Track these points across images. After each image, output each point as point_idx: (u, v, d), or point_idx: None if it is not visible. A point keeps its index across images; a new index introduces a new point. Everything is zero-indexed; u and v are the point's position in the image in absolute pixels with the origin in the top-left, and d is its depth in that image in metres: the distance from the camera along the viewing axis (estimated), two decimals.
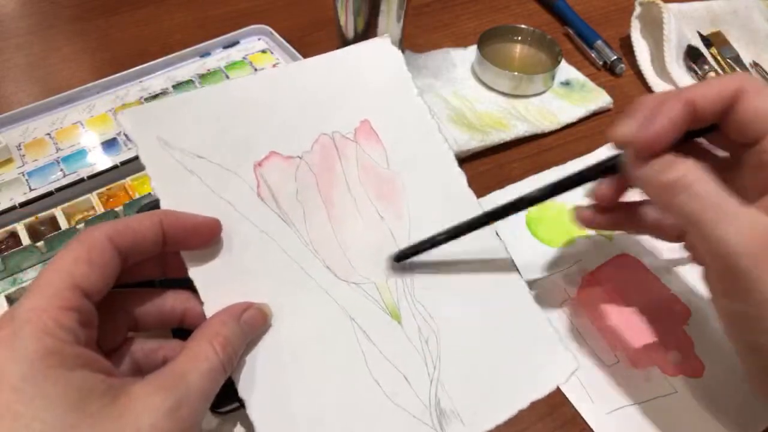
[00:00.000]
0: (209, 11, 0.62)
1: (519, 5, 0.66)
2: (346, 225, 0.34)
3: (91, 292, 0.24)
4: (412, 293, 0.33)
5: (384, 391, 0.30)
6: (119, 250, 0.26)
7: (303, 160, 0.34)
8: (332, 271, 0.32)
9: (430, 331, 0.32)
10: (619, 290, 0.40)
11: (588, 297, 0.39)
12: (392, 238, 0.34)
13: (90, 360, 0.23)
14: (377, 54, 0.39)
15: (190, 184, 0.31)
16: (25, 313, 0.23)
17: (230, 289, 0.30)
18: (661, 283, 0.40)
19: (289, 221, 0.33)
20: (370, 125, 0.36)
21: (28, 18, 0.61)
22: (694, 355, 0.37)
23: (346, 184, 0.35)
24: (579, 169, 0.32)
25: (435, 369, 0.31)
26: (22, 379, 0.21)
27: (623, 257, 0.42)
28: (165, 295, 0.30)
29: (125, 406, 0.23)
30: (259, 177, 0.33)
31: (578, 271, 0.41)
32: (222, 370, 0.26)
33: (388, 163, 0.36)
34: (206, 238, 0.30)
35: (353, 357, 0.31)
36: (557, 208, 0.44)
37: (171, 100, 0.34)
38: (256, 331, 0.29)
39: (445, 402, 0.31)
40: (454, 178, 0.37)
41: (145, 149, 0.31)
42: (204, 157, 0.32)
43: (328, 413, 0.29)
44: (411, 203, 0.35)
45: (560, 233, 0.43)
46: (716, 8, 0.60)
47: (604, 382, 0.35)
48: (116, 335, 0.28)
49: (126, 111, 0.32)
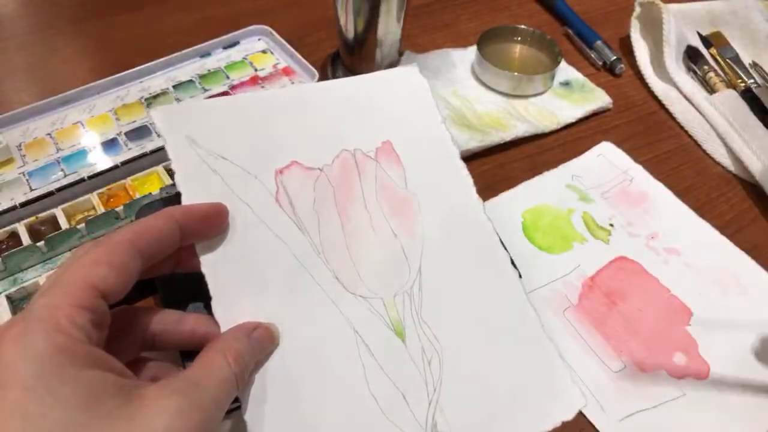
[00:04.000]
0: (209, 11, 0.62)
1: (519, 5, 0.66)
2: (359, 239, 0.34)
3: (107, 294, 0.24)
4: (419, 312, 0.33)
5: (380, 407, 0.30)
6: (139, 251, 0.26)
7: (323, 173, 0.35)
8: (341, 282, 0.32)
9: (434, 353, 0.32)
10: (619, 294, 0.40)
11: (589, 303, 0.39)
12: (404, 256, 0.34)
13: (102, 360, 0.23)
14: (405, 81, 0.40)
15: (212, 182, 0.32)
16: (38, 310, 0.23)
17: (239, 287, 0.30)
18: (661, 284, 0.40)
19: (303, 229, 0.33)
20: (392, 146, 0.37)
21: (29, 18, 0.61)
22: (698, 356, 0.37)
23: (363, 200, 0.35)
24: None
25: (435, 391, 0.31)
26: (33, 378, 0.21)
27: (621, 260, 0.42)
28: (186, 318, 0.30)
29: (138, 408, 0.22)
30: (278, 183, 0.33)
31: (578, 277, 0.41)
32: (234, 382, 0.26)
33: (406, 184, 0.36)
34: (217, 223, 0.31)
35: (352, 369, 0.30)
36: (552, 215, 0.45)
37: (203, 102, 0.36)
38: (265, 351, 0.29)
39: (441, 426, 0.30)
40: (470, 204, 0.37)
41: (173, 145, 0.32)
42: (228, 158, 0.33)
43: (323, 423, 0.29)
44: (426, 225, 0.35)
45: (557, 239, 0.43)
46: (716, 8, 0.60)
47: (613, 389, 0.35)
48: (130, 350, 0.28)
49: (159, 108, 0.33)
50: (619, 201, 0.46)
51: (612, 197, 0.46)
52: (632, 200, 0.46)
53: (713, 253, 0.43)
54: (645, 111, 0.54)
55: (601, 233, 0.44)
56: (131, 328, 0.28)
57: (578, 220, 0.44)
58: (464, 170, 0.37)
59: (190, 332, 0.29)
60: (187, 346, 0.30)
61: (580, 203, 0.46)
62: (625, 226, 0.44)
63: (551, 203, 0.45)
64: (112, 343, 0.26)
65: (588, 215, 0.45)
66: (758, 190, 0.47)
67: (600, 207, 0.45)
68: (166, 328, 0.29)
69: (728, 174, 0.49)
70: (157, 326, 0.29)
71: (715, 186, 0.48)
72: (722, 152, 0.50)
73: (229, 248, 0.31)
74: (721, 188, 0.48)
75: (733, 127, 0.50)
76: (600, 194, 0.46)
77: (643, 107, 0.54)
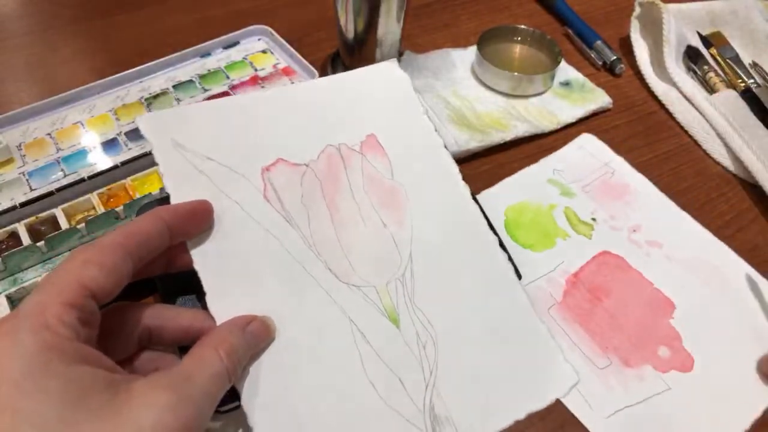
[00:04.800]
0: (209, 11, 0.62)
1: (519, 5, 0.66)
2: (349, 229, 0.34)
3: (98, 294, 0.25)
4: (411, 298, 0.33)
5: (378, 393, 0.30)
6: (130, 252, 0.26)
7: (309, 168, 0.35)
8: (333, 273, 0.33)
9: (428, 337, 0.32)
10: (603, 290, 0.40)
11: (573, 300, 0.39)
12: (394, 244, 0.34)
13: (90, 356, 0.23)
14: (386, 75, 0.40)
15: (200, 183, 0.33)
16: (28, 308, 0.23)
17: (233, 282, 0.31)
18: (644, 278, 0.41)
19: (293, 223, 0.33)
20: (376, 139, 0.37)
21: (29, 18, 0.61)
22: (683, 349, 0.37)
23: (351, 192, 0.35)
24: None
25: (431, 374, 0.31)
26: (22, 374, 0.21)
27: (604, 254, 0.42)
28: (182, 313, 0.30)
29: (126, 401, 0.23)
30: (266, 180, 0.34)
31: (561, 274, 0.41)
32: (226, 377, 0.26)
33: (392, 175, 0.37)
34: (204, 219, 0.31)
35: (350, 357, 0.31)
36: (533, 211, 0.45)
37: (186, 108, 0.36)
38: (261, 344, 0.30)
39: (439, 408, 0.31)
40: (457, 191, 0.37)
41: (159, 150, 0.33)
42: (214, 159, 0.34)
43: (322, 412, 0.29)
44: (414, 213, 0.36)
45: (539, 236, 0.43)
46: (716, 8, 0.60)
47: (600, 385, 0.35)
48: (127, 346, 0.28)
49: (144, 116, 0.34)
50: (601, 194, 0.46)
51: (593, 190, 0.46)
52: (614, 193, 0.46)
53: (694, 245, 0.43)
54: (645, 111, 0.54)
55: (584, 228, 0.44)
56: (127, 324, 0.28)
57: (560, 215, 0.45)
58: (449, 158, 0.38)
59: (187, 327, 0.29)
60: (185, 342, 0.30)
61: (562, 198, 0.46)
62: (607, 220, 0.44)
63: (533, 199, 0.46)
64: (108, 339, 0.26)
65: (570, 210, 0.45)
66: (758, 190, 0.47)
67: (582, 201, 0.45)
68: (162, 324, 0.29)
69: (728, 174, 0.49)
70: (154, 322, 0.29)
71: (715, 186, 0.48)
72: (722, 152, 0.50)
73: (221, 245, 0.31)
74: (721, 188, 0.48)
75: (733, 127, 0.50)
76: (581, 188, 0.47)
77: (643, 107, 0.54)
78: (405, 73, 0.40)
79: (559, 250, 0.42)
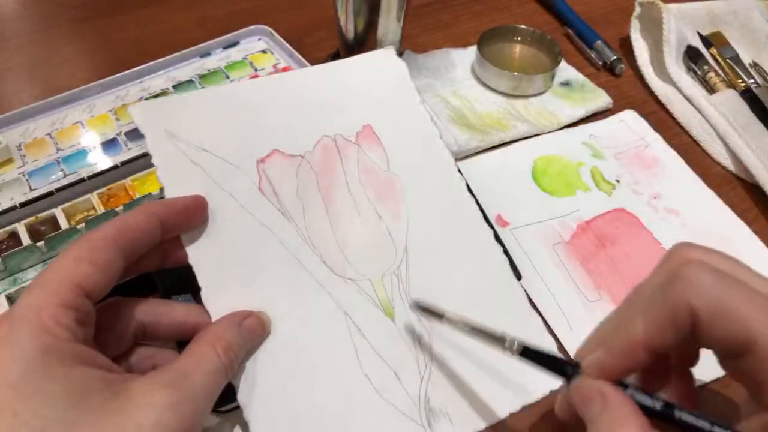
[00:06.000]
0: (209, 11, 0.62)
1: (519, 5, 0.66)
2: (344, 222, 0.34)
3: (91, 291, 0.25)
4: (407, 291, 0.33)
5: (374, 386, 0.30)
6: (121, 248, 0.26)
7: (304, 159, 0.35)
8: (328, 266, 0.33)
9: (423, 330, 0.33)
10: (610, 238, 0.41)
11: (580, 242, 0.41)
12: (389, 237, 0.34)
13: (88, 356, 0.23)
14: (381, 64, 0.40)
15: (194, 174, 0.32)
16: (23, 311, 0.23)
17: (228, 276, 0.31)
18: (653, 237, 0.42)
19: (288, 216, 0.33)
20: (372, 129, 0.37)
21: (29, 18, 0.61)
22: None
23: (346, 184, 0.35)
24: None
25: (426, 367, 0.32)
26: (21, 377, 0.21)
27: (619, 211, 0.43)
28: (177, 308, 0.30)
29: (126, 401, 0.23)
30: (261, 172, 0.34)
31: (574, 220, 0.43)
32: (224, 373, 0.26)
33: (388, 166, 0.36)
34: (198, 215, 0.31)
35: (345, 350, 0.31)
36: (562, 164, 0.47)
37: (180, 96, 0.36)
38: (256, 340, 0.30)
39: (434, 400, 0.31)
40: (454, 183, 0.37)
41: (152, 140, 0.33)
42: (208, 150, 0.33)
43: (317, 405, 0.29)
44: (410, 205, 0.36)
45: (561, 185, 0.45)
46: (716, 8, 0.60)
47: (585, 314, 0.37)
48: (121, 342, 0.28)
49: (137, 104, 0.34)
50: (630, 162, 0.48)
51: (624, 158, 0.48)
52: (644, 164, 0.48)
53: (715, 220, 0.44)
54: (645, 111, 0.54)
55: (606, 186, 0.45)
56: (121, 319, 0.28)
57: (586, 172, 0.47)
58: (445, 149, 0.38)
59: (182, 322, 0.29)
60: (180, 336, 0.30)
61: (592, 158, 0.48)
62: (630, 184, 0.46)
63: (564, 155, 0.48)
64: (103, 335, 0.26)
65: (596, 169, 0.47)
66: (758, 190, 0.47)
67: (610, 164, 0.47)
68: (156, 319, 0.29)
69: (728, 174, 0.49)
70: (148, 317, 0.29)
71: (715, 186, 0.48)
72: (722, 152, 0.50)
73: (216, 239, 0.31)
74: (721, 188, 0.48)
75: (733, 127, 0.50)
76: (613, 155, 0.48)
77: (643, 107, 0.54)
78: (401, 60, 0.40)
79: (578, 199, 0.44)
